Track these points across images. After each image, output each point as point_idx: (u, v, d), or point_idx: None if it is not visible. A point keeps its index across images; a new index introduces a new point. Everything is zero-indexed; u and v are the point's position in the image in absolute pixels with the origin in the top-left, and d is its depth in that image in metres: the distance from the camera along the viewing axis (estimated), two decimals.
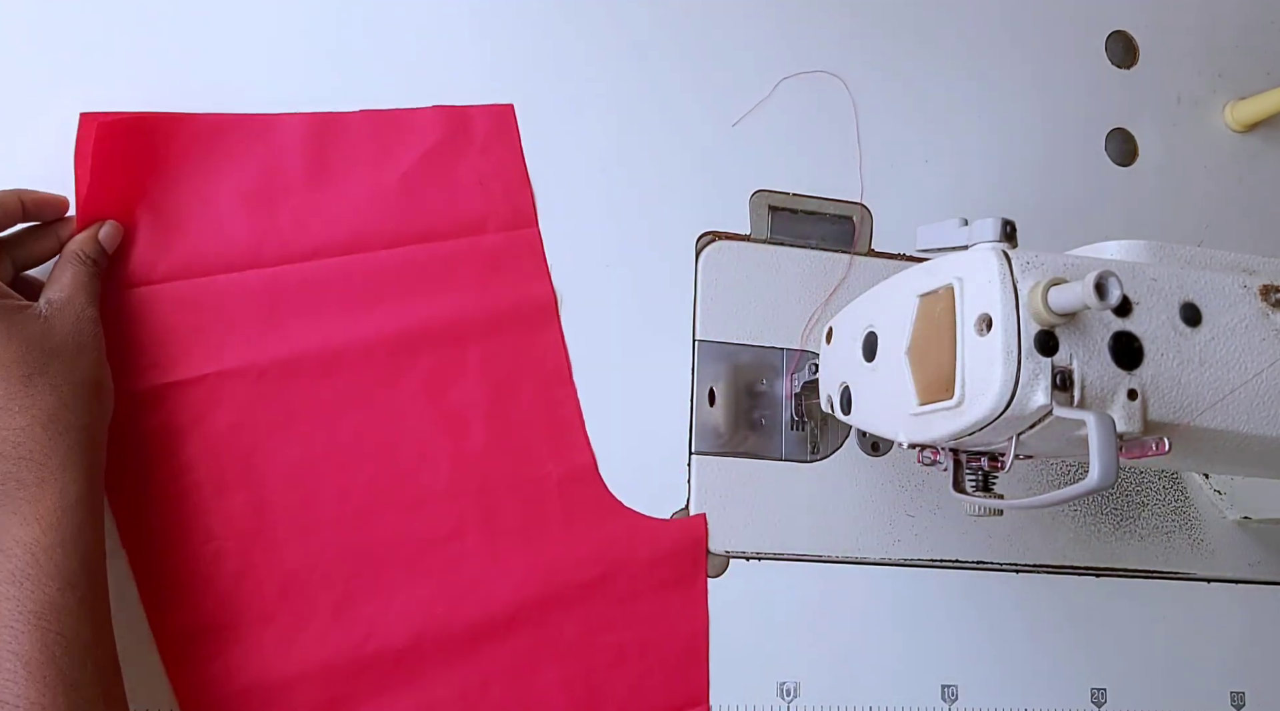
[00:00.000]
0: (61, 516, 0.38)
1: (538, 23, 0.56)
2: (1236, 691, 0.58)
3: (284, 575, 0.46)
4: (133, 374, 0.45)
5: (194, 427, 0.46)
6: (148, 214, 0.47)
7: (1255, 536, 0.61)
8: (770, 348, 0.56)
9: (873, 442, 0.56)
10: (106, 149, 0.45)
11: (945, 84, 0.62)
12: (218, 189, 0.48)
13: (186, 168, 0.48)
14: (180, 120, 0.48)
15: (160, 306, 0.46)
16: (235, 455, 0.46)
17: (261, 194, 0.48)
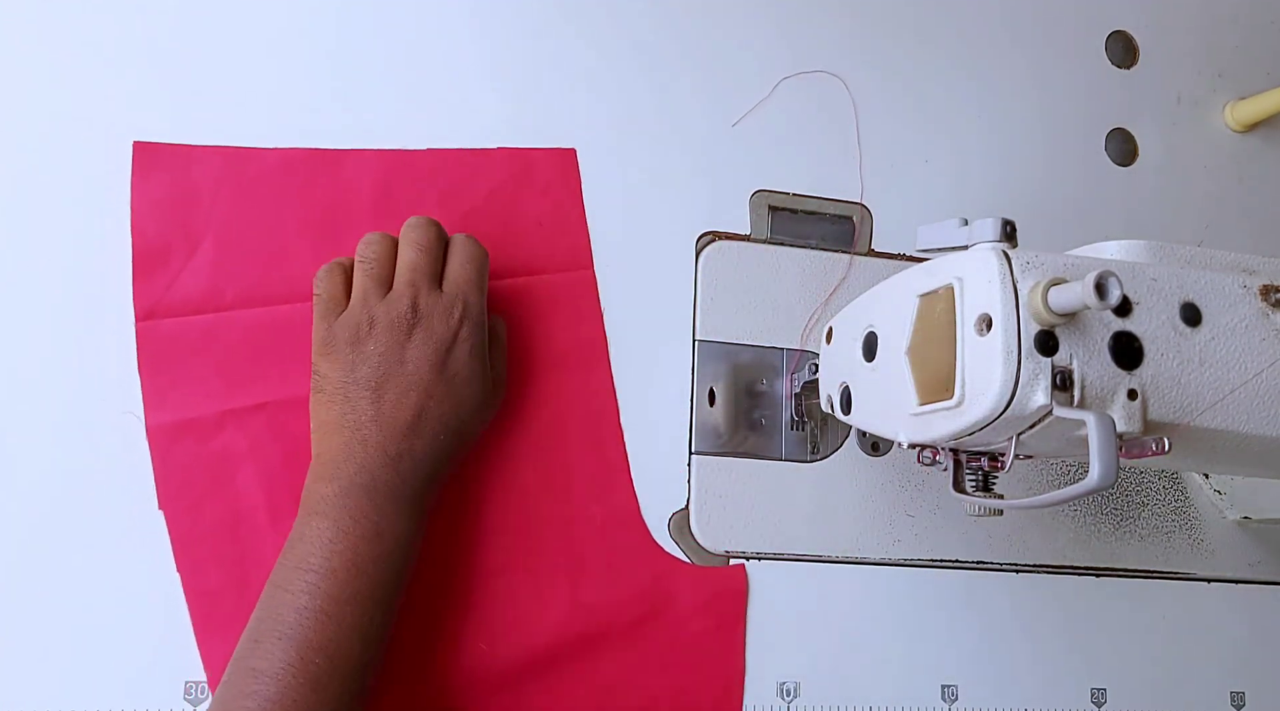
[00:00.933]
0: (414, 533, 0.43)
1: (537, 22, 0.56)
2: (1236, 691, 0.58)
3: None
4: (195, 400, 0.47)
5: (252, 454, 0.47)
6: (216, 242, 0.48)
7: (1255, 536, 0.61)
8: (770, 347, 0.56)
9: (873, 442, 0.56)
10: (162, 174, 0.47)
11: (945, 84, 0.62)
12: (286, 221, 0.49)
13: (256, 199, 0.49)
14: (251, 154, 0.49)
15: (225, 333, 0.47)
16: (291, 483, 0.46)
17: (328, 227, 0.49)
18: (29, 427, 0.46)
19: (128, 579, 0.46)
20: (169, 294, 0.47)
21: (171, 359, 0.46)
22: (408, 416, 0.43)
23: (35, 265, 0.47)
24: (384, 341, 0.44)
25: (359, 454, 0.43)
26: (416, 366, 0.44)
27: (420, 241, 0.45)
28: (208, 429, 0.47)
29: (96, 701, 0.45)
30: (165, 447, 0.46)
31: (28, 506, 0.46)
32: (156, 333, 0.47)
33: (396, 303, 0.44)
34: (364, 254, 0.45)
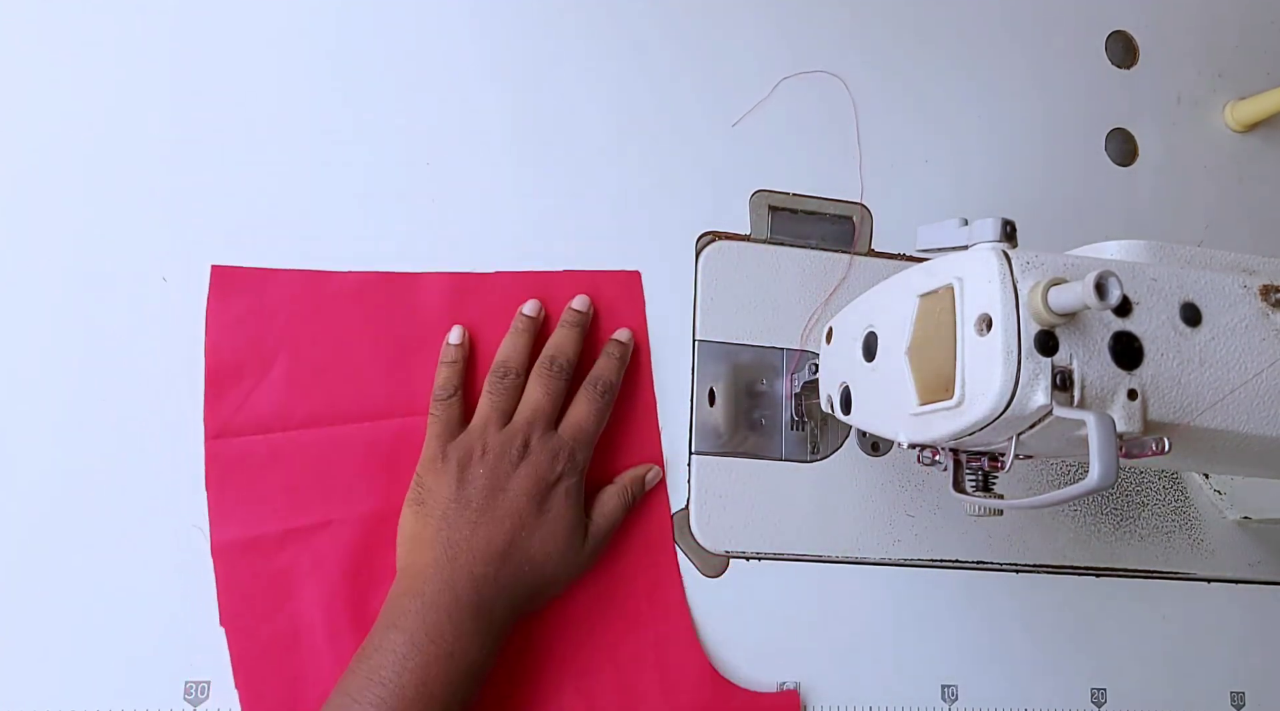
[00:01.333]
0: (485, 661, 0.44)
1: (538, 22, 0.56)
2: (1236, 691, 0.58)
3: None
4: (260, 518, 0.47)
5: (313, 573, 0.47)
6: (288, 362, 0.49)
7: (1255, 536, 0.61)
8: (770, 347, 0.56)
9: (873, 442, 0.56)
10: (238, 297, 0.48)
11: (945, 84, 0.62)
12: (358, 342, 0.50)
13: (330, 321, 0.50)
14: (326, 277, 0.50)
15: (292, 452, 0.48)
16: (350, 603, 0.47)
17: (400, 348, 0.50)
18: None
19: (128, 579, 0.46)
20: (239, 414, 0.48)
21: (239, 477, 0.47)
22: (500, 544, 0.45)
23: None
24: (491, 468, 0.46)
25: (446, 572, 0.44)
26: (516, 496, 0.46)
27: (550, 389, 0.48)
28: (271, 547, 0.47)
29: (96, 701, 0.45)
30: (229, 565, 0.47)
31: (27, 508, 0.46)
32: (226, 451, 0.47)
33: (512, 437, 0.47)
34: (494, 385, 0.48)
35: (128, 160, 0.50)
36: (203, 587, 0.47)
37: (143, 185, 0.50)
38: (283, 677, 0.46)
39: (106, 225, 0.49)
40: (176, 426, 0.48)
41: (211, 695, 0.46)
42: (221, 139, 0.51)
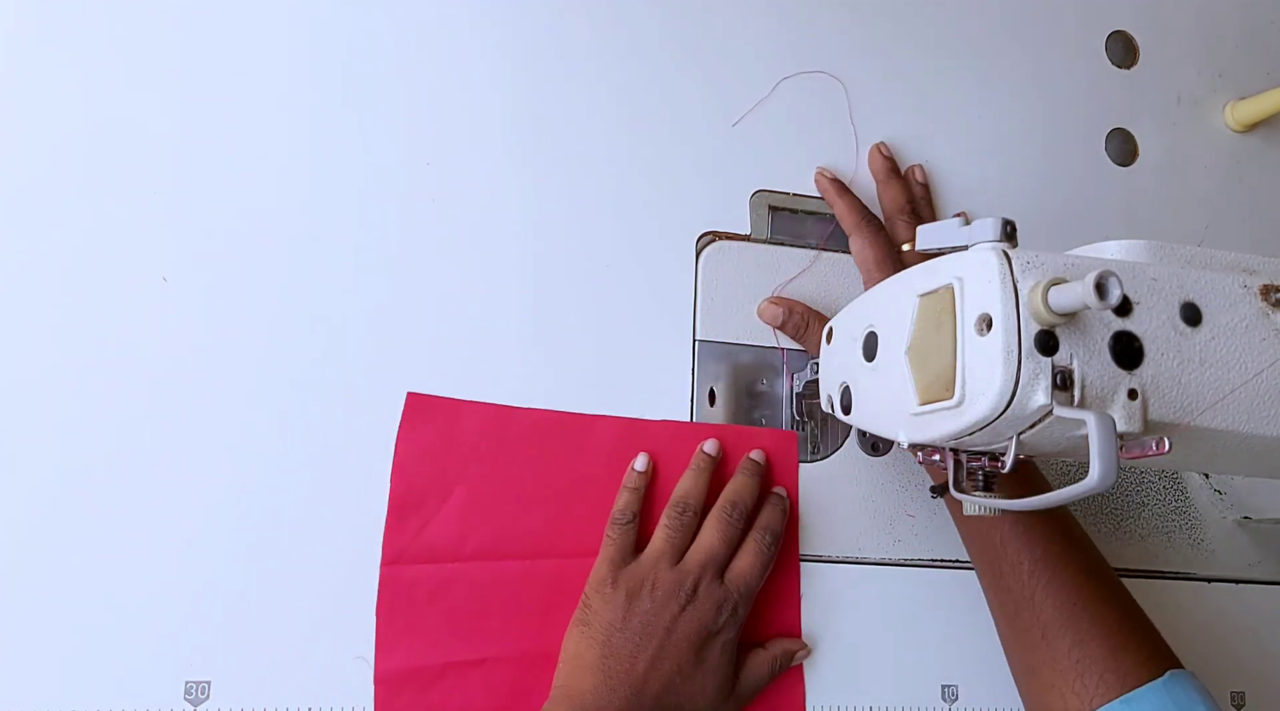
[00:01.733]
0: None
1: (539, 22, 0.56)
2: (1236, 691, 0.58)
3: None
4: (423, 649, 0.48)
5: (465, 709, 0.47)
6: (466, 495, 0.50)
7: (1255, 536, 0.61)
8: (770, 348, 0.56)
9: (873, 442, 0.56)
10: (428, 425, 0.50)
11: (945, 84, 0.62)
12: (531, 480, 0.51)
13: (508, 457, 0.51)
14: (511, 413, 0.51)
15: (459, 585, 0.49)
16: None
17: (566, 489, 0.51)
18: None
19: (129, 579, 0.46)
20: (416, 541, 0.49)
21: (408, 606, 0.48)
22: (656, 686, 0.46)
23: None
24: (659, 604, 0.47)
25: (603, 700, 0.45)
26: (679, 640, 0.47)
27: (726, 533, 0.50)
28: (429, 679, 0.47)
29: (96, 701, 0.45)
30: (389, 695, 0.47)
31: (28, 508, 0.46)
32: (399, 578, 0.48)
33: (683, 578, 0.48)
34: (672, 520, 0.50)
35: (129, 163, 0.50)
36: (203, 588, 0.47)
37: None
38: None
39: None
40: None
41: (211, 695, 0.46)
42: (224, 140, 0.51)
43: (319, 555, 0.48)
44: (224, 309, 0.49)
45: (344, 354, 0.50)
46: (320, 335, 0.50)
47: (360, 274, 0.51)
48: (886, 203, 0.57)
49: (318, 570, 0.48)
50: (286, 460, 0.49)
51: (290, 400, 0.49)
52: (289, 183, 0.51)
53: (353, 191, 0.52)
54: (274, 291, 0.50)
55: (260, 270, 0.50)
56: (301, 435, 0.49)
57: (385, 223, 0.52)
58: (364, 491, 0.49)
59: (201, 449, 0.48)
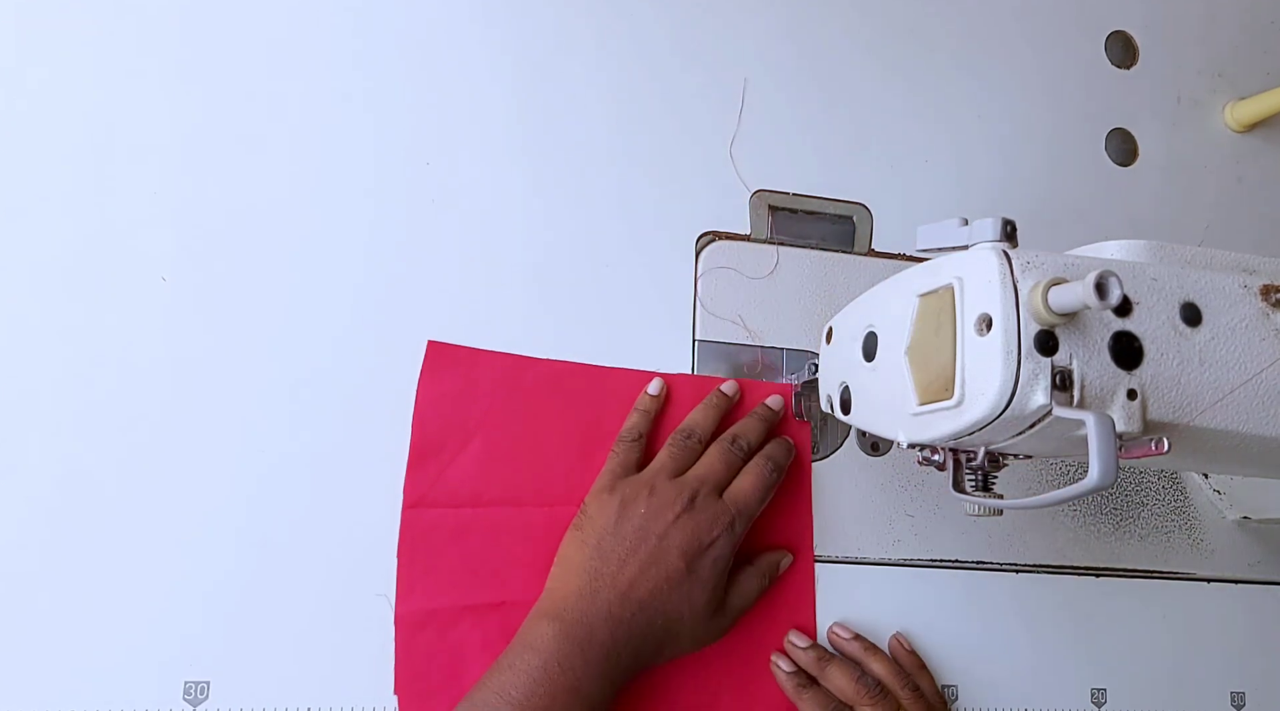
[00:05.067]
0: (603, 705, 0.44)
1: (540, 23, 0.56)
2: (1236, 691, 0.58)
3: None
4: (442, 591, 0.48)
5: (484, 652, 0.48)
6: (484, 442, 0.50)
7: (1255, 536, 0.61)
8: (770, 347, 0.56)
9: (873, 442, 0.56)
10: (448, 373, 0.51)
11: (946, 84, 0.62)
12: (549, 429, 0.51)
13: (526, 406, 0.51)
14: (529, 363, 0.52)
15: (478, 529, 0.50)
16: None
17: (584, 438, 0.52)
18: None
19: (128, 579, 0.46)
20: (437, 485, 0.49)
21: (428, 548, 0.49)
22: (643, 591, 0.46)
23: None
24: (653, 511, 0.47)
25: (587, 604, 0.45)
26: (669, 548, 0.46)
27: (728, 458, 0.50)
28: (448, 621, 0.48)
29: (96, 701, 0.45)
30: (409, 634, 0.48)
31: (28, 508, 0.46)
32: (420, 521, 0.49)
33: (680, 490, 0.48)
34: (676, 443, 0.50)
35: (128, 163, 0.50)
36: (202, 588, 0.47)
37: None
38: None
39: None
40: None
41: (211, 695, 0.46)
42: (230, 139, 0.51)
43: (319, 556, 0.48)
44: (224, 308, 0.49)
45: (346, 366, 0.50)
46: (321, 347, 0.50)
47: (360, 274, 0.51)
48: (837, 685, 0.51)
49: (317, 571, 0.48)
50: (285, 462, 0.49)
51: (290, 411, 0.49)
52: (288, 182, 0.51)
53: (353, 192, 0.52)
54: (273, 295, 0.50)
55: (260, 269, 0.50)
56: (304, 437, 0.49)
57: (385, 222, 0.52)
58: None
59: (202, 449, 0.48)
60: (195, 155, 0.50)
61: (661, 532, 0.47)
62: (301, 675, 0.47)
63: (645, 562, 0.46)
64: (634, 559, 0.46)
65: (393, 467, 0.50)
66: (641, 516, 0.47)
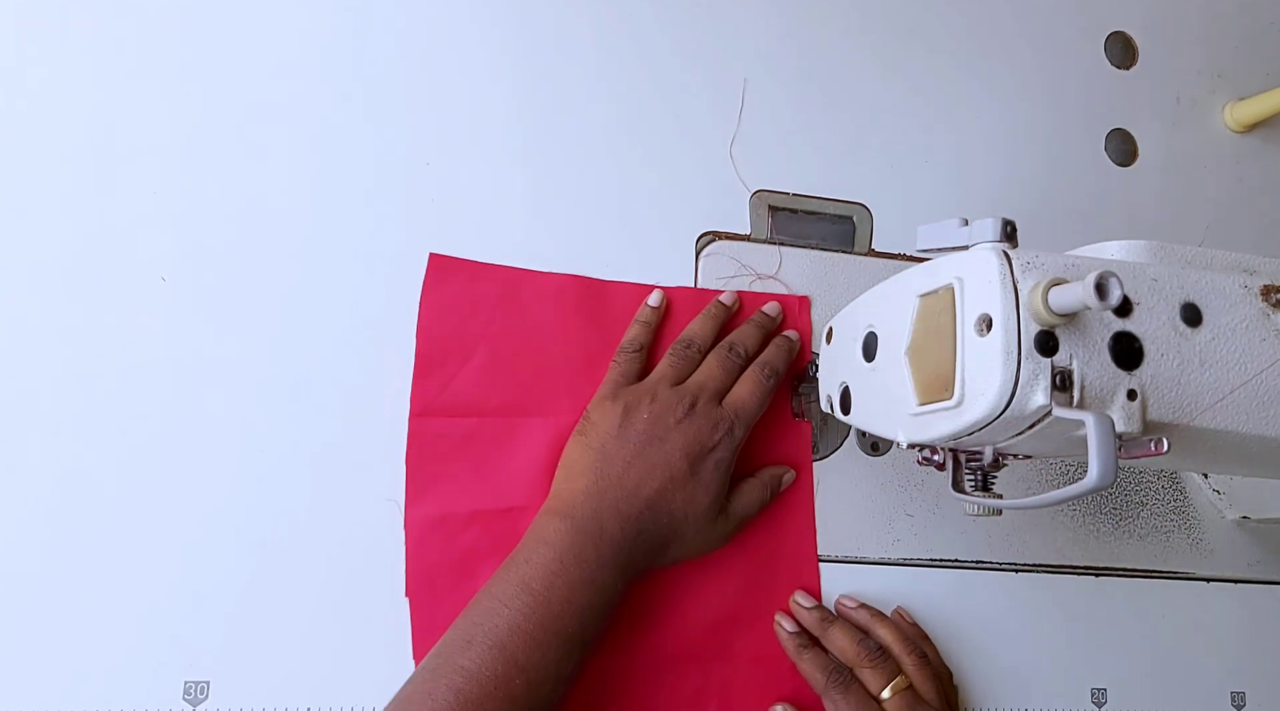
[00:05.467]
0: (616, 597, 0.46)
1: (540, 22, 0.56)
2: (1236, 691, 0.58)
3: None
4: (451, 496, 0.49)
5: (493, 556, 0.48)
6: (488, 353, 0.51)
7: (1255, 536, 0.61)
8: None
9: (873, 442, 0.56)
10: (450, 286, 0.51)
11: (946, 84, 0.62)
12: (551, 342, 0.52)
13: (528, 318, 0.52)
14: (530, 277, 0.53)
15: (484, 438, 0.50)
16: None
17: (585, 350, 0.52)
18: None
19: (128, 579, 0.46)
20: (442, 395, 0.50)
21: (436, 455, 0.50)
22: (648, 490, 0.47)
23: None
24: (656, 417, 0.48)
25: (595, 501, 0.46)
26: (672, 450, 0.47)
27: (726, 365, 0.51)
28: (458, 526, 0.49)
29: (96, 701, 0.45)
30: (419, 538, 0.49)
31: (28, 508, 0.46)
32: (427, 429, 0.50)
33: (681, 396, 0.49)
34: (676, 352, 0.51)
35: (128, 163, 0.50)
36: (202, 588, 0.47)
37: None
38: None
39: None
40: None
41: (211, 695, 0.46)
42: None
43: (319, 556, 0.48)
44: (224, 308, 0.49)
45: (346, 366, 0.50)
46: (321, 346, 0.50)
47: (360, 274, 0.51)
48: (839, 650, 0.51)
49: (318, 571, 0.48)
50: (285, 462, 0.49)
51: (290, 411, 0.49)
52: (289, 182, 0.51)
53: (353, 192, 0.52)
54: (273, 295, 0.50)
55: (260, 269, 0.50)
56: (304, 437, 0.49)
57: (385, 222, 0.52)
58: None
59: (202, 448, 0.48)
60: (195, 155, 0.50)
61: (664, 436, 0.47)
62: (301, 675, 0.47)
63: (650, 464, 0.47)
64: (639, 461, 0.47)
65: (393, 466, 0.50)
66: (644, 421, 0.48)
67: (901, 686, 0.48)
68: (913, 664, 0.50)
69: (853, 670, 0.49)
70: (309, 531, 0.48)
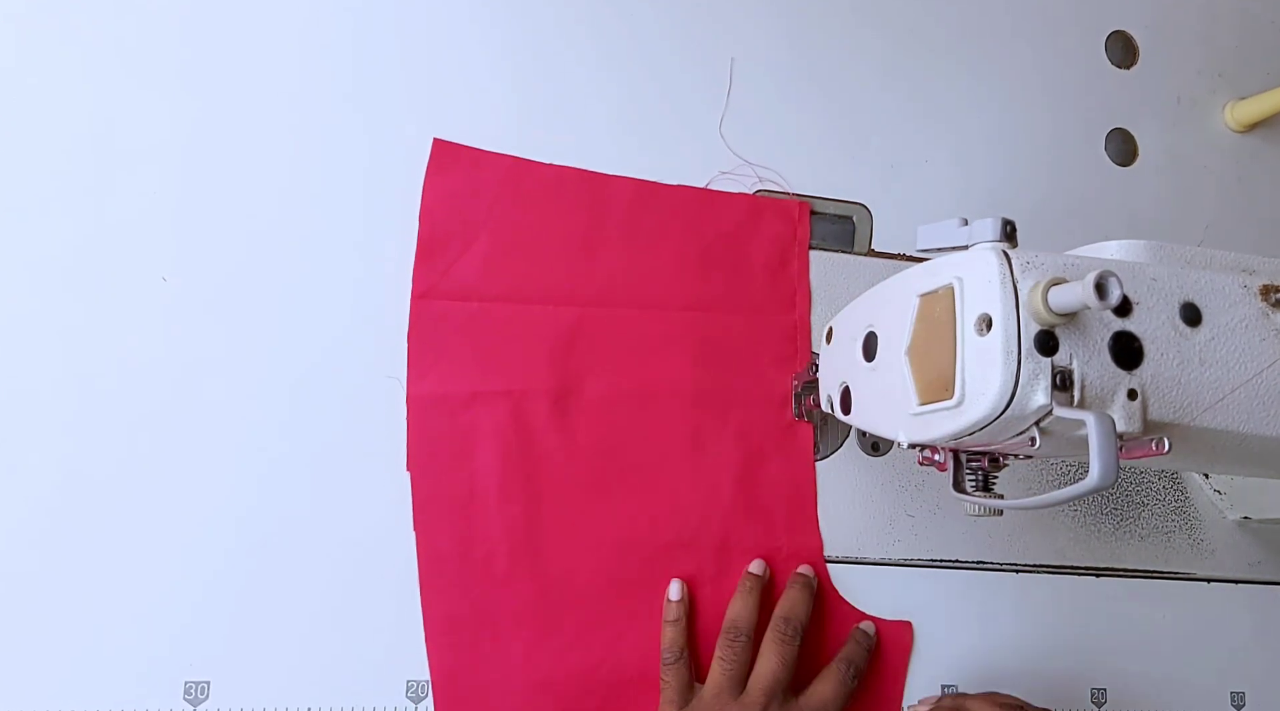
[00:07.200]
0: None
1: (540, 20, 0.56)
2: (1236, 691, 0.58)
3: (541, 587, 0.50)
4: (452, 377, 0.51)
5: (493, 436, 0.50)
6: (489, 240, 0.52)
7: (1255, 536, 0.61)
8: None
9: (873, 442, 0.56)
10: (454, 172, 0.52)
11: (946, 84, 0.62)
12: (550, 231, 0.53)
13: (529, 207, 0.53)
14: (531, 167, 0.54)
15: (485, 322, 0.52)
16: (521, 469, 0.50)
17: (585, 241, 0.54)
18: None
19: (128, 579, 0.46)
20: (444, 279, 0.51)
21: (438, 336, 0.51)
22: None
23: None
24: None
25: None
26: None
27: (785, 656, 0.49)
28: (458, 405, 0.50)
29: (96, 701, 0.45)
30: (421, 415, 0.50)
31: (29, 508, 0.46)
32: (429, 311, 0.51)
33: (750, 709, 0.47)
34: (726, 649, 0.49)
35: (128, 163, 0.50)
36: (203, 588, 0.47)
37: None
38: (455, 528, 0.49)
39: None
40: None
41: (211, 695, 0.46)
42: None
43: (319, 556, 0.48)
44: (224, 308, 0.49)
45: (346, 366, 0.50)
46: (321, 346, 0.50)
47: (360, 274, 0.51)
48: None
49: (318, 571, 0.48)
50: (286, 462, 0.49)
51: (291, 411, 0.49)
52: (288, 182, 0.51)
53: (353, 191, 0.52)
54: (273, 295, 0.50)
55: (260, 268, 0.50)
56: (305, 437, 0.49)
57: (385, 222, 0.52)
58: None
59: (202, 448, 0.48)
60: (195, 155, 0.50)
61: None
62: (301, 675, 0.47)
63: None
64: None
65: (393, 467, 0.50)
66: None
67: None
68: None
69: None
70: (309, 531, 0.48)
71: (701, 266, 0.55)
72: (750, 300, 0.55)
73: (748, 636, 0.49)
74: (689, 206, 0.55)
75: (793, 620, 0.50)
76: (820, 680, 0.50)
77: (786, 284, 0.56)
